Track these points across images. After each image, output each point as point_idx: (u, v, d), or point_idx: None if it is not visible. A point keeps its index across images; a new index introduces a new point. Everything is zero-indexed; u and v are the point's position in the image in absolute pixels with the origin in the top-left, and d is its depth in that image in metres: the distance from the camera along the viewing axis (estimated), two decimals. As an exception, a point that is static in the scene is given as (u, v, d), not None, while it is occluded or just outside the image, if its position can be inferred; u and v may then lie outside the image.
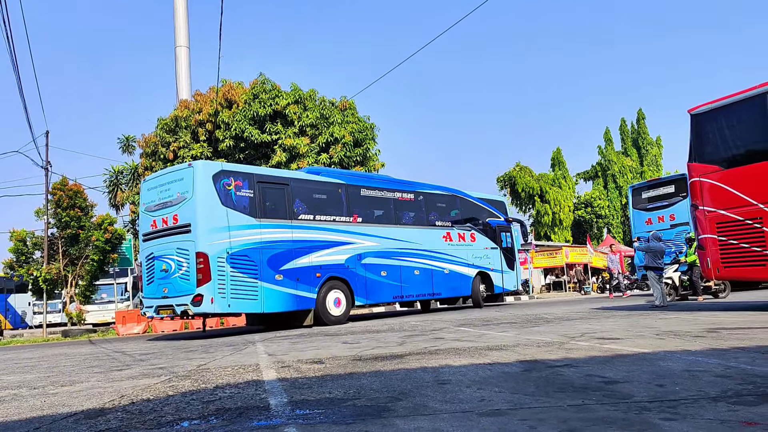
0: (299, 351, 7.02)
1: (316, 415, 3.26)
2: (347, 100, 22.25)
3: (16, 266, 18.87)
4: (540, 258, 32.74)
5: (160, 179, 11.81)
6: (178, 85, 24.50)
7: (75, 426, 3.37)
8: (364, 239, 13.52)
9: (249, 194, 11.57)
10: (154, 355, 7.95)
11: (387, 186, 14.79)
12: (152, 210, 11.72)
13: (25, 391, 5.11)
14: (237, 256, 11.06)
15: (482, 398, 3.44)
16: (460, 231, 16.33)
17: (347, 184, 13.73)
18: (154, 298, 11.44)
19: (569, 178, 48.30)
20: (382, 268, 13.84)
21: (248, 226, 11.37)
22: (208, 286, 10.61)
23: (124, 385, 4.98)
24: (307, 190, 12.88)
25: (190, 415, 3.49)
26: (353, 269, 13.16)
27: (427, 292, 15.02)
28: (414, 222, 15.16)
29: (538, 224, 44.42)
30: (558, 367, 4.47)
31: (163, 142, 20.88)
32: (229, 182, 11.27)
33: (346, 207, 13.45)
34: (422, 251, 14.92)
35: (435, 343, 6.88)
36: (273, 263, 11.62)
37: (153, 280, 11.53)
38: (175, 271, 11.05)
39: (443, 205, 16.30)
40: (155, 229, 11.57)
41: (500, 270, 17.43)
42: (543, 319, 10.06)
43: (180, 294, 10.90)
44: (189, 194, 10.97)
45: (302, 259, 12.16)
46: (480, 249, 16.83)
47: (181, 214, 11.05)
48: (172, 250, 11.14)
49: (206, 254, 10.66)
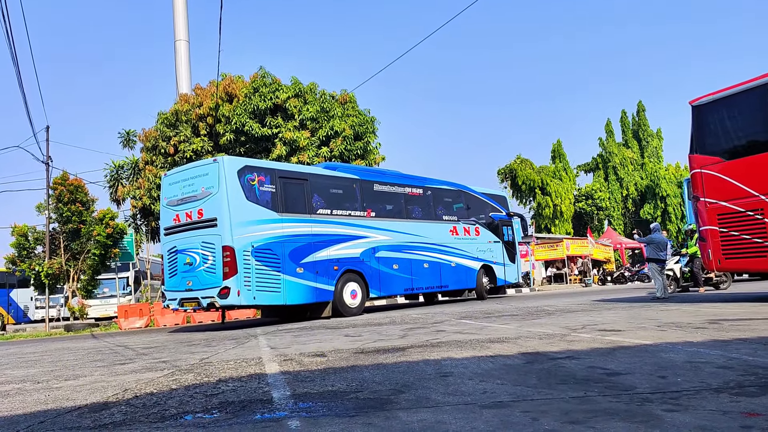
0: (301, 344, 7.04)
1: (319, 408, 3.28)
2: (347, 94, 22.18)
3: (18, 261, 18.89)
4: (541, 250, 32.74)
5: (183, 174, 11.90)
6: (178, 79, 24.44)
7: (79, 420, 3.39)
8: (377, 233, 13.78)
9: (271, 189, 11.78)
10: (156, 349, 7.97)
11: (398, 181, 15.02)
12: (174, 204, 11.79)
13: (29, 385, 5.13)
14: (261, 250, 11.27)
15: (484, 390, 3.45)
16: (466, 225, 16.55)
17: (361, 180, 13.96)
18: (178, 290, 11.54)
19: (570, 170, 48.25)
20: (395, 262, 14.10)
21: (271, 221, 11.57)
22: (235, 279, 10.79)
23: (127, 379, 5.00)
24: (324, 185, 13.13)
25: (194, 408, 3.51)
26: (368, 262, 13.43)
27: (436, 284, 15.25)
28: (423, 216, 15.39)
29: (539, 217, 44.42)
30: (560, 359, 4.48)
31: (163, 137, 20.83)
32: (253, 177, 11.44)
33: (361, 202, 13.70)
34: (431, 245, 15.15)
35: (437, 335, 6.89)
36: (294, 256, 11.85)
37: (176, 273, 11.62)
38: (200, 264, 11.17)
39: (449, 200, 16.54)
40: (178, 224, 11.64)
41: (502, 263, 17.70)
42: (544, 312, 10.08)
43: (206, 287, 11.03)
44: (215, 189, 11.09)
45: (321, 252, 12.41)
46: (484, 242, 17.09)
47: (206, 209, 11.17)
48: (196, 244, 11.25)
49: (233, 248, 10.84)
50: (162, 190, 12.48)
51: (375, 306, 19.15)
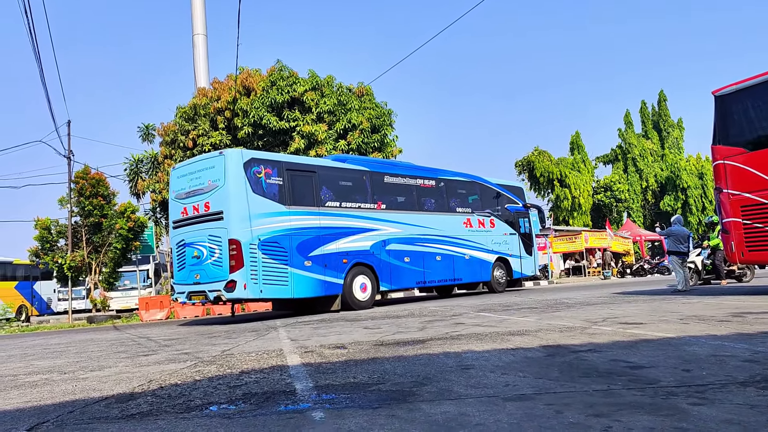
0: (321, 336, 7.08)
1: (342, 399, 3.30)
2: (364, 86, 22.15)
3: (41, 254, 19.22)
4: (559, 243, 32.53)
5: (191, 167, 11.90)
6: (197, 73, 24.58)
7: (107, 410, 3.45)
8: (388, 226, 13.69)
9: (278, 182, 11.73)
10: (178, 341, 8.07)
11: (409, 173, 14.88)
12: (182, 197, 11.84)
13: (56, 375, 5.22)
14: (268, 243, 11.25)
15: (507, 383, 3.45)
16: (480, 217, 16.41)
17: (371, 171, 13.85)
18: (186, 284, 11.60)
19: (588, 162, 47.82)
20: (406, 254, 13.99)
21: (278, 213, 11.54)
22: (241, 272, 10.79)
23: (151, 370, 5.07)
24: (333, 177, 13.03)
25: (218, 399, 3.55)
26: (378, 255, 13.35)
27: (449, 277, 15.13)
28: (435, 208, 15.26)
29: (557, 209, 44.12)
30: (581, 352, 4.46)
31: (182, 130, 20.99)
32: (259, 170, 11.40)
33: (371, 194, 13.60)
34: (443, 237, 15.04)
35: (456, 328, 6.89)
36: (302, 249, 11.81)
37: (184, 266, 11.68)
38: (207, 257, 11.20)
39: (463, 192, 16.38)
40: (186, 217, 11.69)
41: (519, 255, 17.53)
42: (564, 304, 10.02)
43: (213, 280, 11.06)
44: (221, 182, 11.10)
45: (329, 245, 12.36)
46: (499, 235, 16.93)
47: (213, 202, 11.19)
48: (203, 237, 11.29)
49: (239, 241, 10.84)
50: (170, 183, 12.52)
51: (391, 299, 19.19)
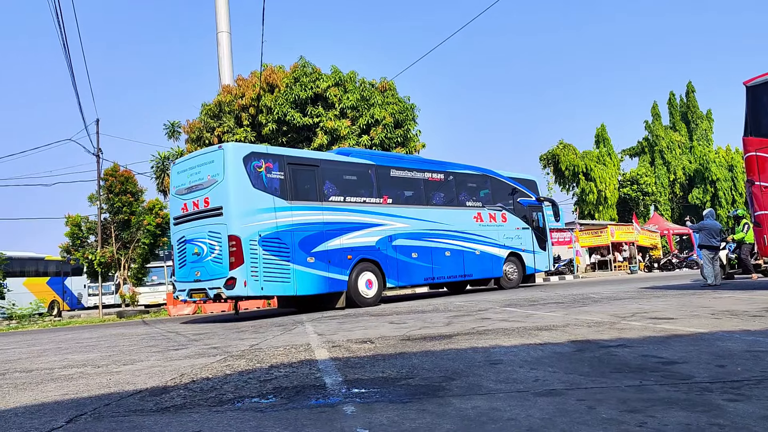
0: (348, 331, 7.12)
1: (372, 394, 3.32)
2: (387, 81, 22.14)
3: (72, 250, 19.64)
4: (585, 237, 32.17)
5: (190, 162, 11.66)
6: (221, 71, 24.78)
7: (141, 403, 3.52)
8: (394, 221, 13.35)
9: (279, 176, 11.46)
10: (206, 336, 8.18)
11: (416, 166, 14.56)
12: (182, 193, 11.60)
13: (90, 369, 5.34)
14: (269, 239, 10.99)
15: (536, 378, 3.43)
16: (491, 211, 15.96)
17: (377, 165, 13.54)
18: (187, 281, 11.39)
19: (614, 155, 47.16)
20: (413, 250, 13.66)
21: (279, 209, 11.29)
22: (241, 269, 10.55)
23: (182, 364, 5.15)
24: (336, 171, 12.76)
25: (249, 393, 3.60)
26: (384, 251, 13.04)
27: (459, 273, 14.75)
28: (444, 203, 14.93)
29: (583, 203, 43.64)
30: (612, 347, 4.41)
31: (207, 128, 21.22)
32: (260, 164, 11.16)
33: (376, 188, 13.31)
34: (453, 232, 14.65)
35: (482, 323, 6.87)
36: (304, 245, 11.55)
37: (185, 263, 11.46)
38: (207, 254, 10.97)
39: (473, 185, 16.00)
40: (186, 213, 11.46)
41: (532, 250, 17.00)
42: (590, 299, 9.93)
43: (213, 277, 10.82)
44: (220, 177, 10.87)
45: (333, 241, 12.09)
46: (511, 229, 16.44)
47: (212, 197, 10.95)
48: (203, 234, 11.06)
49: (238, 237, 10.59)
50: (171, 179, 12.22)
51: (400, 295, 19.19)
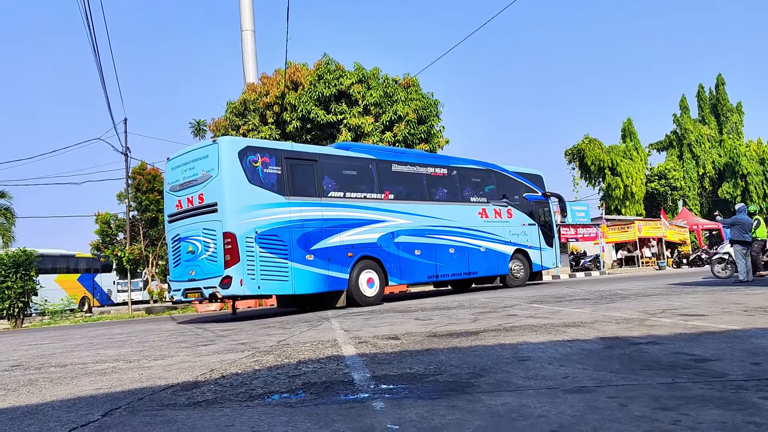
0: (373, 327, 7.15)
1: (400, 390, 3.33)
2: (410, 78, 22.10)
3: (101, 247, 20.04)
4: (611, 232, 31.77)
5: (185, 157, 11.29)
6: (245, 69, 24.96)
7: (174, 397, 3.58)
8: (396, 217, 13.05)
9: (276, 171, 11.14)
10: (234, 332, 8.28)
11: (419, 161, 14.24)
12: (177, 190, 11.31)
13: (122, 364, 5.45)
14: (266, 236, 10.68)
15: (566, 375, 3.41)
16: (496, 207, 15.60)
17: (377, 160, 13.21)
18: (181, 281, 11.05)
19: (641, 149, 46.41)
20: (416, 247, 13.35)
21: (276, 204, 10.98)
22: (237, 267, 10.24)
23: (211, 360, 5.22)
24: (336, 166, 12.44)
25: (279, 388, 3.64)
26: (386, 248, 12.73)
27: (463, 271, 14.43)
28: (448, 198, 14.57)
29: (609, 198, 43.06)
30: (641, 344, 4.36)
31: (232, 126, 21.40)
32: (256, 159, 10.85)
33: (377, 183, 13.00)
34: (457, 229, 14.34)
35: (509, 320, 6.84)
36: (303, 243, 11.24)
37: (179, 262, 11.13)
38: (201, 252, 10.65)
39: (478, 180, 15.57)
40: (180, 210, 11.16)
41: (538, 247, 16.67)
42: (618, 295, 9.81)
43: (208, 276, 10.51)
44: (214, 172, 10.55)
45: (333, 238, 11.78)
46: (517, 225, 16.10)
47: (207, 193, 10.64)
48: (198, 231, 10.75)
49: (234, 234, 10.28)
50: (166, 175, 11.94)
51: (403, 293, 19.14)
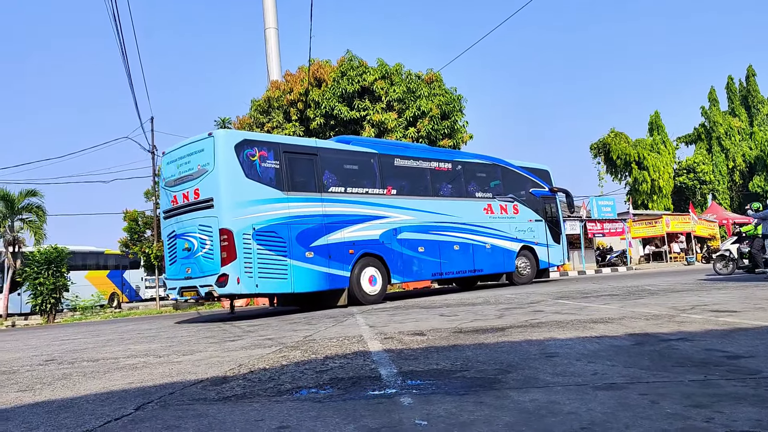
0: (398, 323, 7.16)
1: (427, 385, 3.34)
2: (434, 73, 22.03)
3: (130, 244, 20.38)
4: (638, 228, 31.33)
5: (180, 151, 11.00)
6: (269, 66, 25.10)
7: (204, 392, 3.64)
8: (399, 213, 12.75)
9: (275, 165, 10.84)
10: (260, 327, 8.37)
11: (422, 155, 13.95)
12: (172, 185, 11.01)
13: (152, 359, 5.54)
14: (264, 233, 10.37)
15: (595, 372, 3.38)
16: (502, 202, 15.26)
17: (380, 154, 12.92)
18: (177, 279, 10.78)
19: (669, 142, 45.67)
20: (420, 244, 13.05)
21: (275, 200, 10.68)
22: (234, 264, 9.93)
23: (239, 355, 5.29)
24: (337, 160, 12.15)
25: (307, 383, 3.67)
26: (389, 245, 12.41)
27: (468, 268, 14.13)
28: (452, 194, 14.25)
29: (636, 192, 42.48)
30: (672, 341, 4.30)
31: (257, 123, 21.57)
32: (253, 152, 10.57)
33: (380, 178, 12.69)
34: (462, 225, 14.04)
35: (535, 315, 6.80)
36: (302, 240, 10.93)
37: (175, 260, 10.87)
38: (197, 249, 10.37)
39: (483, 175, 15.26)
40: (176, 206, 10.88)
41: (545, 244, 16.33)
42: (646, 291, 9.68)
43: (204, 274, 10.23)
44: (210, 166, 10.26)
45: (334, 234, 11.47)
46: (524, 221, 15.78)
47: (203, 188, 10.34)
48: (194, 228, 10.46)
49: (230, 231, 9.98)
50: (161, 171, 11.60)
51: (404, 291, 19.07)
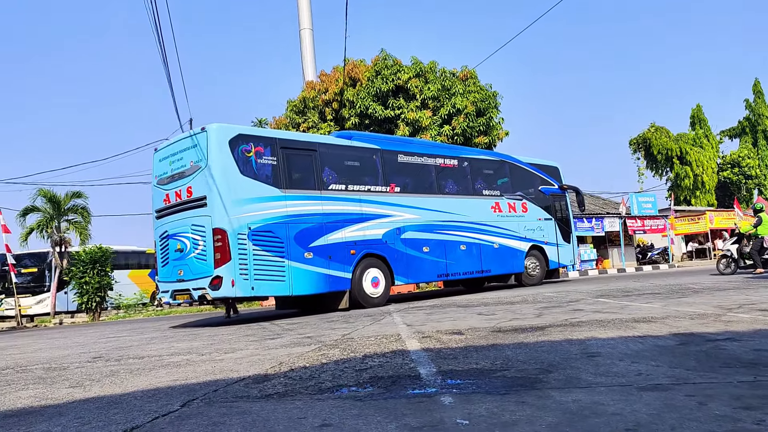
0: (436, 322, 7.16)
1: (467, 385, 3.33)
2: (468, 70, 21.92)
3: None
4: (680, 224, 30.60)
5: (172, 147, 10.62)
6: (304, 67, 25.37)
7: (246, 390, 3.70)
8: (403, 211, 12.31)
9: (272, 161, 10.45)
10: (299, 325, 8.46)
11: (427, 151, 13.55)
12: (164, 183, 10.66)
13: (195, 357, 5.66)
14: (260, 232, 9.95)
15: (639, 372, 3.32)
16: (510, 200, 14.83)
17: (382, 150, 12.48)
18: (170, 281, 10.42)
19: (712, 136, 44.44)
20: (424, 243, 12.59)
21: (272, 198, 10.26)
22: (228, 266, 9.50)
23: (279, 353, 5.36)
24: (337, 156, 11.75)
25: (347, 382, 3.70)
26: (392, 245, 11.97)
27: (475, 269, 13.69)
28: (458, 191, 13.82)
29: (677, 188, 41.45)
30: (719, 341, 4.19)
31: (292, 124, 21.81)
32: (249, 148, 10.16)
33: (382, 175, 12.26)
34: (468, 224, 13.59)
35: (574, 314, 6.71)
36: (301, 240, 10.50)
37: (168, 261, 10.48)
38: (190, 250, 9.96)
39: (491, 172, 14.85)
40: (168, 205, 10.51)
41: (555, 243, 15.86)
42: (690, 289, 9.45)
43: (197, 276, 9.84)
44: (203, 163, 9.85)
45: (334, 234, 11.02)
46: (533, 220, 15.32)
47: (195, 186, 9.94)
48: (186, 228, 10.07)
49: (224, 230, 9.56)
50: (153, 168, 11.17)
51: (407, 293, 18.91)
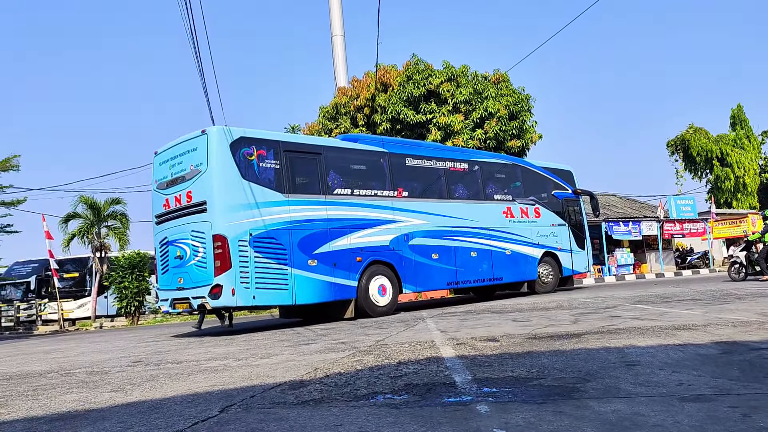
0: (470, 328, 7.12)
1: (503, 393, 3.31)
2: (501, 73, 21.80)
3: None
4: (721, 228, 29.79)
5: (172, 151, 10.31)
6: (336, 73, 25.57)
7: (283, 396, 3.74)
8: (411, 216, 11.93)
9: (274, 165, 10.11)
10: (333, 331, 8.51)
11: (436, 154, 13.08)
12: (164, 187, 10.36)
13: (231, 362, 5.74)
14: (262, 239, 9.62)
15: (680, 382, 3.25)
16: (523, 206, 14.40)
17: (389, 153, 12.09)
18: (169, 289, 10.10)
19: (753, 137, 43.19)
20: (434, 250, 12.17)
21: (274, 203, 9.92)
22: (228, 274, 9.17)
23: (314, 359, 5.40)
24: (342, 159, 11.45)
25: (382, 389, 3.71)
26: (399, 251, 11.56)
27: (487, 276, 13.25)
28: (469, 196, 13.41)
29: (717, 190, 40.42)
30: (763, 349, 4.08)
31: (325, 129, 22.00)
32: (251, 151, 9.83)
33: (389, 179, 11.86)
34: (479, 230, 13.17)
35: (612, 321, 6.60)
36: (305, 246, 10.14)
37: (168, 269, 10.15)
38: (190, 257, 9.63)
39: (502, 176, 14.44)
40: (167, 210, 10.19)
41: (569, 249, 15.43)
42: (732, 295, 9.20)
43: (197, 285, 9.51)
44: (203, 166, 9.53)
45: (339, 240, 10.66)
46: (546, 226, 14.87)
47: (195, 191, 9.61)
48: (186, 234, 9.73)
49: (225, 237, 9.22)
50: (153, 172, 10.87)
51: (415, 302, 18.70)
